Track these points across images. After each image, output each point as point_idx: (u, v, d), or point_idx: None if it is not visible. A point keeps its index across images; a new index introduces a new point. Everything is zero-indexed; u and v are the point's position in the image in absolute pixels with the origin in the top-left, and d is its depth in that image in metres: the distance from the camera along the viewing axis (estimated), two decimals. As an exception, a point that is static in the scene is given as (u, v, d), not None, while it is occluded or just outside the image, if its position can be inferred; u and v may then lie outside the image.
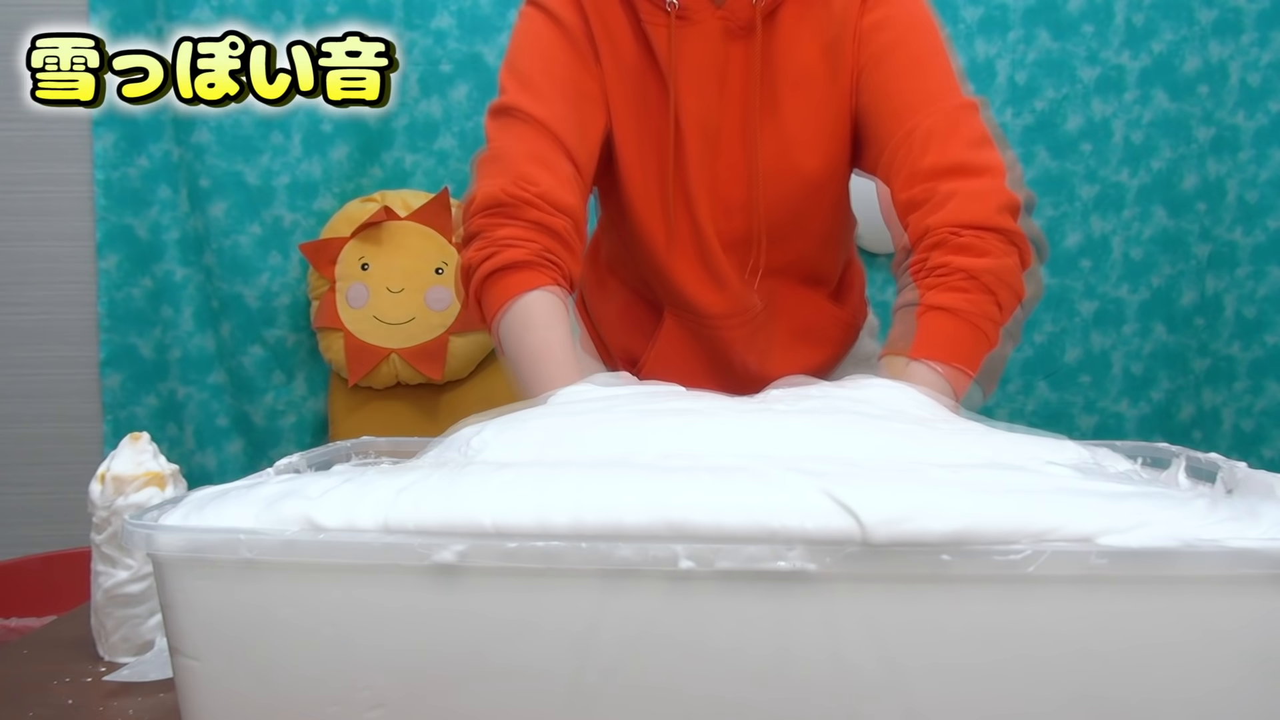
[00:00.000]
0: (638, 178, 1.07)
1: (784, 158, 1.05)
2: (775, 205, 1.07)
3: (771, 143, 1.05)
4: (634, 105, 1.05)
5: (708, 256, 1.08)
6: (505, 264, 0.94)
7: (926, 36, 1.02)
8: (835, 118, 1.04)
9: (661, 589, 0.51)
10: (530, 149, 0.98)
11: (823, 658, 0.51)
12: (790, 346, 1.14)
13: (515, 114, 1.00)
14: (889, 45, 1.00)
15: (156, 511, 0.57)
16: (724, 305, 1.11)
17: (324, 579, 0.53)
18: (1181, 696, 0.50)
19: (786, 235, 1.09)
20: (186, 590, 0.54)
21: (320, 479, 0.58)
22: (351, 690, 0.54)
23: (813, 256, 1.13)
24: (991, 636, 0.51)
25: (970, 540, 0.49)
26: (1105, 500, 0.52)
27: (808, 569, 0.50)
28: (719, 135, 1.05)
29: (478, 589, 0.52)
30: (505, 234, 0.95)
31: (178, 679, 0.56)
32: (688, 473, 0.54)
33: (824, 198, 1.09)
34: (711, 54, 1.04)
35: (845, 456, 0.59)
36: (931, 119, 0.96)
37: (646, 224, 1.08)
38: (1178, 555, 0.49)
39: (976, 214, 0.91)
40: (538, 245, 0.94)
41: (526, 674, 0.53)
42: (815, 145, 1.05)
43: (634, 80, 1.05)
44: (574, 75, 1.03)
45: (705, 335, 1.13)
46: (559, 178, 0.97)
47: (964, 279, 0.89)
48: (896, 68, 1.00)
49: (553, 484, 0.54)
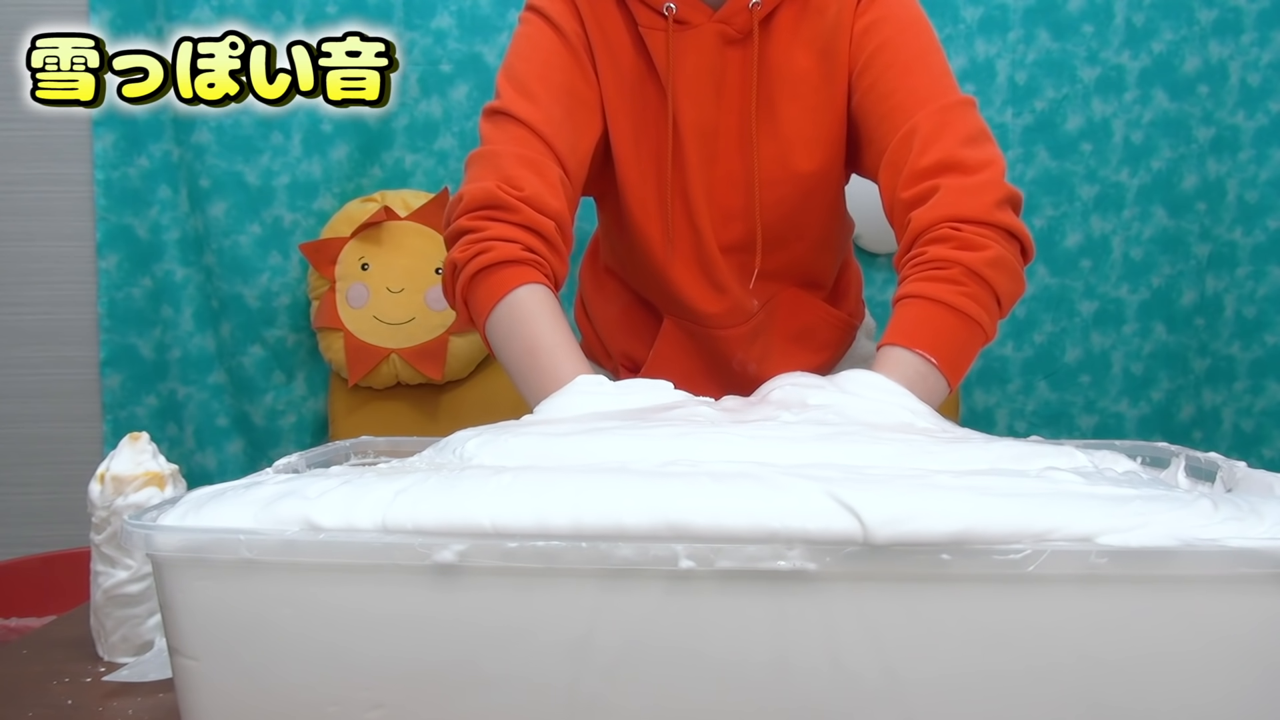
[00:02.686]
0: (636, 184, 1.07)
1: (781, 162, 1.05)
2: (772, 209, 1.07)
3: (768, 148, 1.05)
4: (632, 111, 1.06)
5: (707, 262, 1.08)
6: (494, 261, 0.94)
7: (919, 37, 1.02)
8: (831, 121, 1.05)
9: (662, 589, 0.51)
10: (520, 152, 0.98)
11: (823, 658, 0.51)
12: (787, 350, 1.14)
13: (508, 116, 1.00)
14: (881, 46, 1.00)
15: (155, 512, 0.57)
16: (722, 310, 1.11)
17: (324, 579, 0.53)
18: (1182, 697, 0.50)
19: (784, 239, 1.09)
20: (186, 590, 0.54)
21: (318, 480, 0.58)
22: (351, 690, 0.54)
23: (809, 259, 1.14)
24: (992, 637, 0.51)
25: (972, 541, 0.49)
26: (1107, 502, 0.52)
27: (808, 569, 0.50)
28: (716, 142, 1.06)
29: (478, 589, 0.52)
30: (493, 233, 0.95)
31: (177, 679, 0.56)
32: (688, 477, 0.54)
33: (820, 200, 1.09)
34: (708, 60, 1.04)
35: (848, 464, 0.59)
36: (926, 118, 0.95)
37: (645, 230, 1.08)
38: (1178, 555, 0.49)
39: (975, 209, 0.91)
40: (524, 244, 0.94)
41: (526, 674, 0.53)
42: (811, 148, 1.05)
43: (632, 86, 1.05)
44: (570, 81, 1.03)
45: (704, 339, 1.14)
46: (547, 181, 0.97)
47: (963, 273, 0.89)
48: (889, 69, 1.00)
49: (552, 486, 0.54)
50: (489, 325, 0.95)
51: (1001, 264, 0.90)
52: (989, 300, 0.89)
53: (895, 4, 1.02)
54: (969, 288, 0.88)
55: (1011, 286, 0.91)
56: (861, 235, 1.88)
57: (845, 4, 1.02)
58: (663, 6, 1.02)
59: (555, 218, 0.97)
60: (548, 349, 0.90)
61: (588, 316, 1.25)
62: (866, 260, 2.02)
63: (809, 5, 1.03)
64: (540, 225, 0.95)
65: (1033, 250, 0.94)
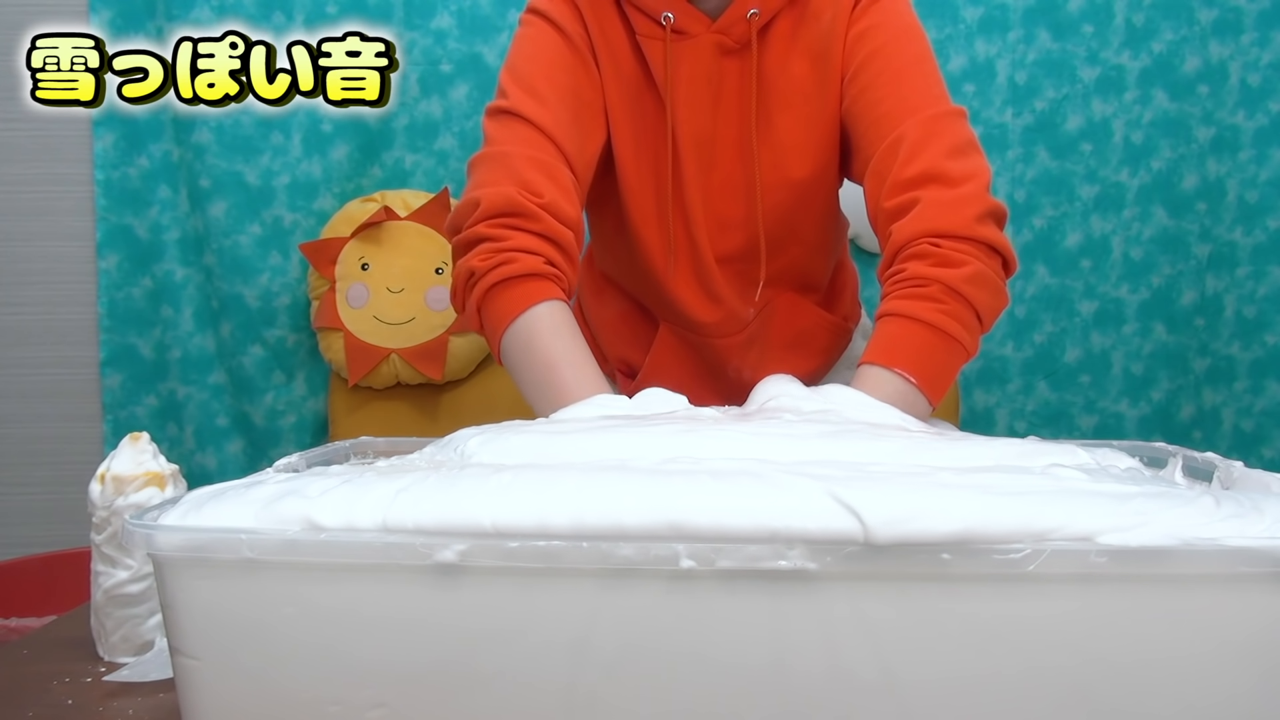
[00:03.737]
0: (635, 191, 1.06)
1: (777, 169, 1.05)
2: (769, 216, 1.06)
3: (765, 156, 1.05)
4: (632, 119, 1.05)
5: (703, 273, 1.08)
6: (516, 274, 0.92)
7: (911, 45, 1.01)
8: (824, 127, 1.04)
9: (662, 589, 0.51)
10: (532, 155, 0.97)
11: (823, 658, 0.51)
12: (783, 356, 1.14)
13: (516, 116, 0.98)
14: (874, 54, 1.00)
15: (156, 511, 0.57)
16: (718, 319, 1.11)
17: (325, 578, 0.53)
18: (1185, 699, 0.50)
19: (781, 245, 1.09)
20: (187, 590, 0.54)
21: (319, 479, 0.58)
22: (352, 690, 0.54)
23: (804, 263, 1.13)
24: (992, 637, 0.51)
25: (973, 540, 0.49)
26: (1110, 500, 0.52)
27: (809, 568, 0.50)
28: (714, 151, 1.05)
29: (479, 589, 0.52)
30: (515, 243, 0.93)
31: (178, 679, 0.56)
32: (689, 475, 0.54)
33: (814, 205, 1.09)
34: (705, 70, 1.03)
35: (850, 461, 0.59)
36: (914, 128, 0.95)
37: (645, 239, 1.08)
38: (1178, 554, 0.49)
39: (955, 223, 0.90)
40: (546, 257, 0.93)
41: (527, 674, 0.53)
42: (805, 154, 1.05)
43: (631, 94, 1.05)
44: (576, 83, 1.02)
45: (700, 347, 1.14)
46: (561, 187, 0.96)
47: (942, 290, 0.88)
48: (880, 76, 0.99)
49: (553, 485, 0.54)
50: (507, 337, 0.93)
51: (981, 280, 0.89)
52: (969, 317, 0.89)
53: (890, 12, 1.02)
54: (948, 305, 0.87)
55: (992, 301, 0.90)
56: (859, 235, 1.89)
57: (840, 10, 1.02)
58: (660, 16, 1.02)
59: (573, 227, 0.96)
60: (570, 365, 0.89)
61: (585, 320, 1.25)
62: (864, 260, 2.02)
63: (805, 13, 1.03)
64: (560, 236, 0.94)
65: (1015, 264, 0.93)
